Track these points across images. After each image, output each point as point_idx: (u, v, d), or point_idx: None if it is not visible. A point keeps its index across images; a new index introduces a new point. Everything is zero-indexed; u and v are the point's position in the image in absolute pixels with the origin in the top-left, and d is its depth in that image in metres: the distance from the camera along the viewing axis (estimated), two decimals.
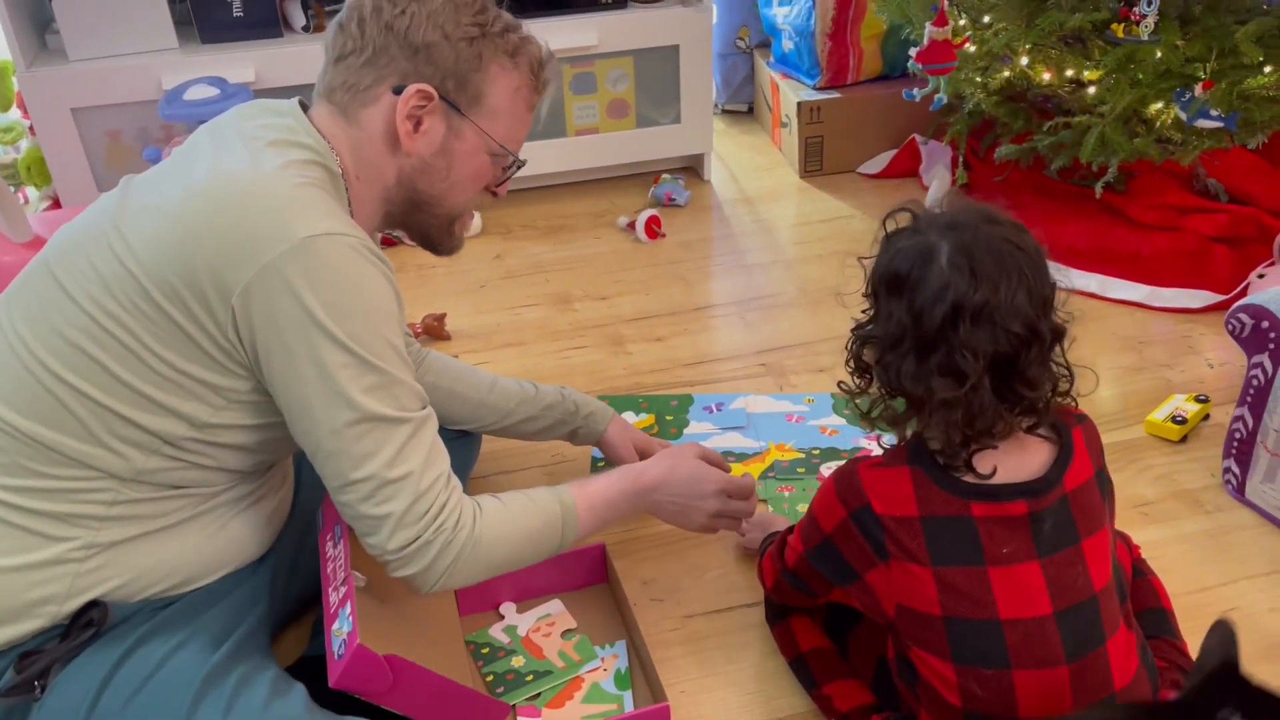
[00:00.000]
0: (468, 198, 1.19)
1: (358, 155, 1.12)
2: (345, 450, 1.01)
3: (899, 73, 2.54)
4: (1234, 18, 1.83)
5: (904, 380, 0.96)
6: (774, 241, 2.32)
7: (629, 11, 2.33)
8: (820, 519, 1.07)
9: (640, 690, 1.26)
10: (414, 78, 1.09)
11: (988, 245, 0.94)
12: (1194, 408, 1.66)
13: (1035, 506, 0.98)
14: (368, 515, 1.03)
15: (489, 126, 1.14)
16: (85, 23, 2.11)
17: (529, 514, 1.14)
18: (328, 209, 1.02)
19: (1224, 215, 2.10)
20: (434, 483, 1.05)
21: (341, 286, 0.99)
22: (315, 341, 0.98)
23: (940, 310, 0.93)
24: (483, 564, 1.09)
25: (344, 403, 1.00)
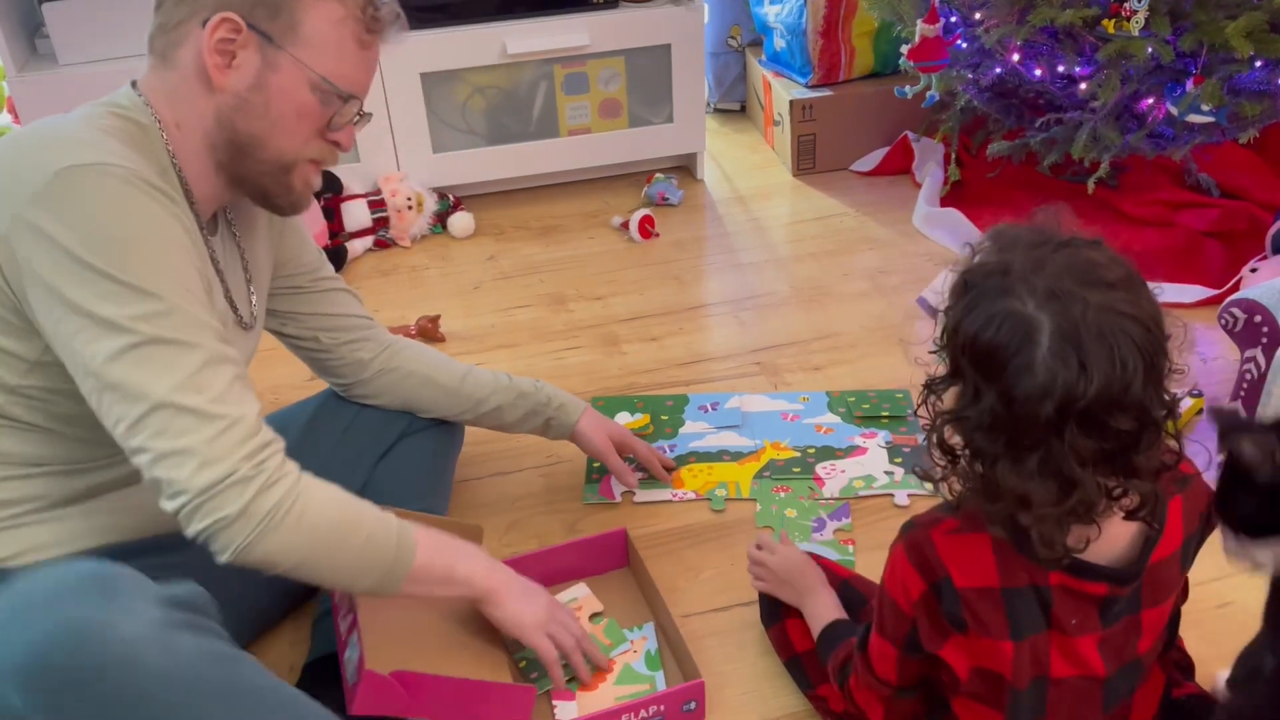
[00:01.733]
0: (298, 142, 1.09)
1: (174, 101, 1.06)
2: (124, 381, 0.92)
3: (891, 70, 2.54)
4: (1224, 13, 1.83)
5: (997, 475, 0.84)
6: (767, 240, 2.32)
7: (620, 11, 2.33)
8: (900, 601, 0.94)
9: (671, 669, 1.27)
10: (223, 8, 1.02)
11: (1097, 325, 0.79)
12: (1188, 402, 1.66)
13: (1116, 591, 0.91)
14: (166, 452, 0.92)
15: (309, 58, 1.05)
16: (75, 27, 2.10)
17: (365, 503, 1.05)
18: (95, 143, 0.97)
19: (1216, 210, 2.11)
20: (242, 419, 0.95)
21: (99, 217, 0.93)
22: (75, 275, 0.91)
23: (1044, 410, 0.79)
24: (305, 530, 0.97)
25: (113, 329, 0.92)
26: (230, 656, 0.90)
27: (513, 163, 2.42)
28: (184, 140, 1.07)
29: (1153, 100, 1.98)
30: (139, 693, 0.83)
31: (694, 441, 1.66)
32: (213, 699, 0.86)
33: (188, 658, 0.86)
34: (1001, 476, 0.83)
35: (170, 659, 0.85)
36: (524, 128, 2.40)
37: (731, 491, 1.56)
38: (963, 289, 0.86)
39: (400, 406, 1.42)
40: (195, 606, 0.91)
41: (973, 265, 0.86)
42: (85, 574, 0.88)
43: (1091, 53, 1.93)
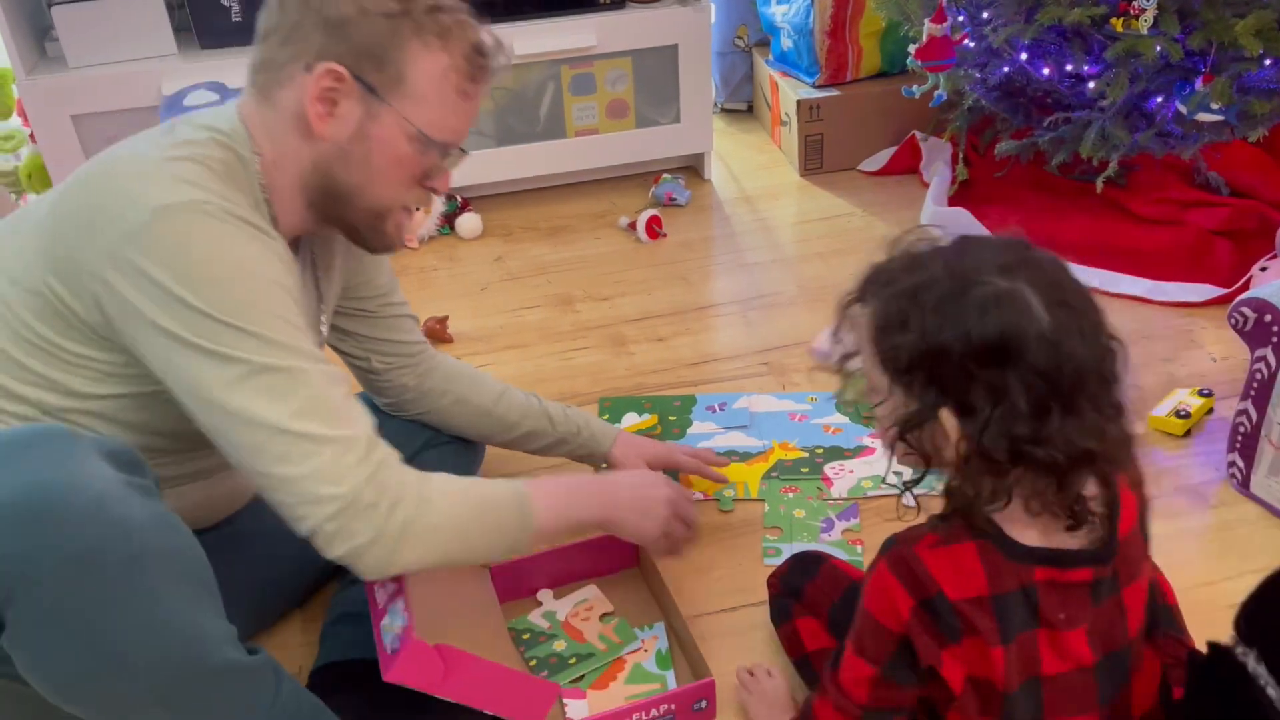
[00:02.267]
0: (395, 191, 1.10)
1: (273, 139, 1.06)
2: (241, 410, 0.94)
3: (898, 70, 2.54)
4: (1233, 11, 1.83)
5: (1069, 439, 0.84)
6: (775, 240, 2.32)
7: (627, 12, 2.33)
8: (885, 622, 0.93)
9: (681, 669, 1.28)
10: (328, 55, 1.01)
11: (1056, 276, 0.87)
12: (1197, 402, 1.65)
13: (1100, 573, 0.93)
14: (287, 477, 0.94)
15: (411, 111, 1.05)
16: (84, 30, 2.11)
17: (479, 483, 1.08)
18: (192, 180, 0.97)
19: (1226, 209, 2.10)
20: (357, 438, 0.97)
21: (196, 256, 0.94)
22: (181, 316, 0.93)
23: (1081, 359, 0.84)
24: (435, 534, 1.00)
25: (225, 361, 0.94)
26: (169, 520, 0.91)
27: (520, 163, 2.42)
28: (278, 176, 1.07)
29: (1162, 99, 1.97)
30: (97, 545, 0.84)
31: (702, 442, 1.66)
32: (155, 556, 0.87)
33: (138, 517, 0.87)
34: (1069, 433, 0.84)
35: (127, 516, 0.86)
36: (531, 128, 2.40)
37: (740, 492, 1.56)
38: (907, 309, 0.86)
39: (437, 425, 1.43)
40: (135, 466, 0.93)
41: (905, 287, 0.87)
42: (40, 430, 0.90)
43: (1100, 51, 1.93)
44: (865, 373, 0.93)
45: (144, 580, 0.86)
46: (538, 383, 1.82)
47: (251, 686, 0.94)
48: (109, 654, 0.85)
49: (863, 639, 0.95)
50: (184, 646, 0.88)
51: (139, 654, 0.86)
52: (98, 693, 0.87)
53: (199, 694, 0.90)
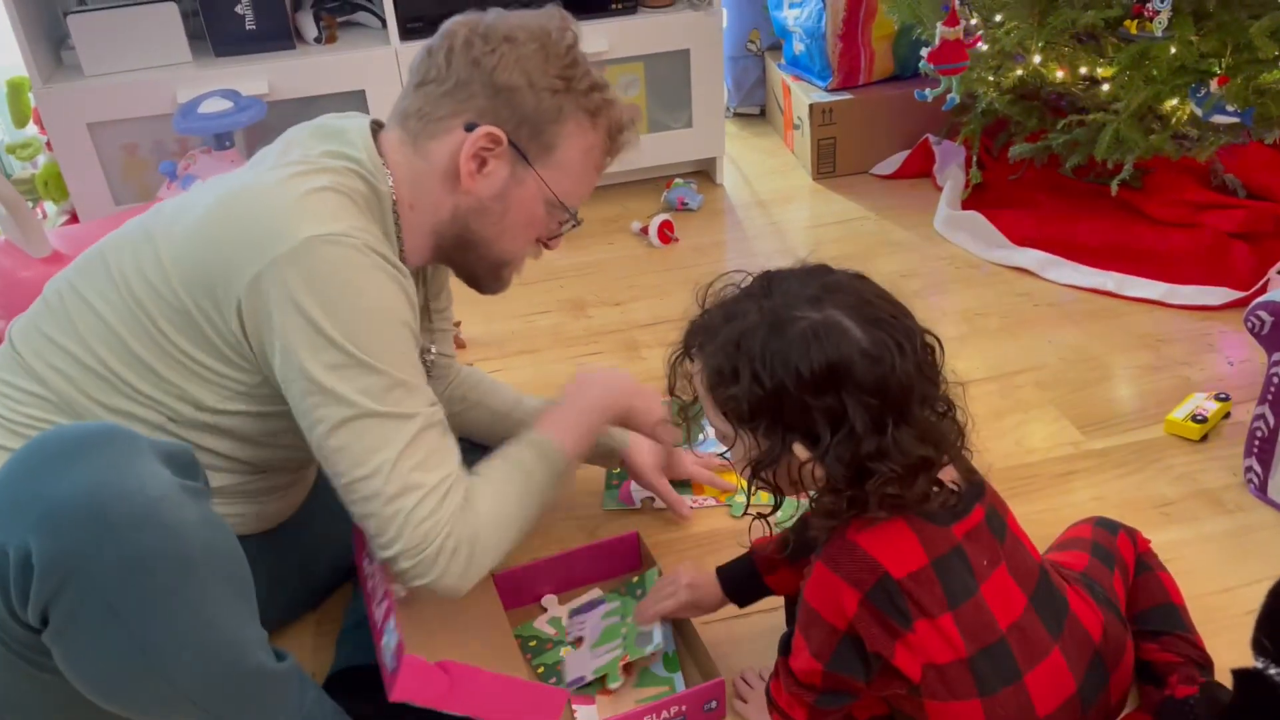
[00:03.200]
0: (520, 247, 1.18)
1: (416, 185, 1.12)
2: (347, 447, 1.01)
3: (911, 73, 2.53)
4: (1248, 12, 1.82)
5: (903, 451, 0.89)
6: (787, 244, 2.31)
7: (639, 16, 2.33)
8: (830, 619, 0.95)
9: (690, 670, 1.27)
10: (489, 118, 1.08)
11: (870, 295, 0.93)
12: (1214, 406, 1.64)
13: (984, 504, 0.99)
14: (375, 515, 1.02)
15: (552, 179, 1.13)
16: (100, 38, 2.13)
17: (514, 470, 1.14)
18: (337, 212, 1.02)
19: (1242, 211, 2.09)
20: (442, 482, 1.04)
21: (339, 288, 0.99)
22: (313, 343, 0.99)
23: (897, 379, 0.89)
24: (497, 545, 1.10)
25: (340, 401, 1.00)
26: (218, 524, 0.93)
27: None
28: (413, 219, 1.13)
29: (1177, 101, 1.96)
30: (151, 549, 0.86)
31: (713, 447, 1.65)
32: (203, 561, 0.89)
33: (191, 521, 0.89)
34: (902, 447, 0.89)
35: (180, 520, 0.88)
36: None
37: None
38: (735, 359, 0.91)
39: (457, 433, 1.43)
40: (191, 469, 0.96)
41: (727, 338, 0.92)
42: (100, 429, 0.92)
43: (1114, 54, 1.92)
44: (710, 420, 0.98)
45: (192, 585, 0.88)
46: (549, 388, 1.81)
47: (281, 691, 0.97)
48: (151, 655, 0.87)
49: (809, 632, 0.97)
50: (223, 650, 0.90)
51: (180, 656, 0.88)
52: (135, 691, 0.89)
53: (232, 696, 0.92)
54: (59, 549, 0.83)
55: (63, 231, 1.94)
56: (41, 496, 0.85)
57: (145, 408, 1.06)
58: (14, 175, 2.44)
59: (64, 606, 0.84)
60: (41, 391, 1.07)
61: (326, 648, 1.33)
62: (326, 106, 1.32)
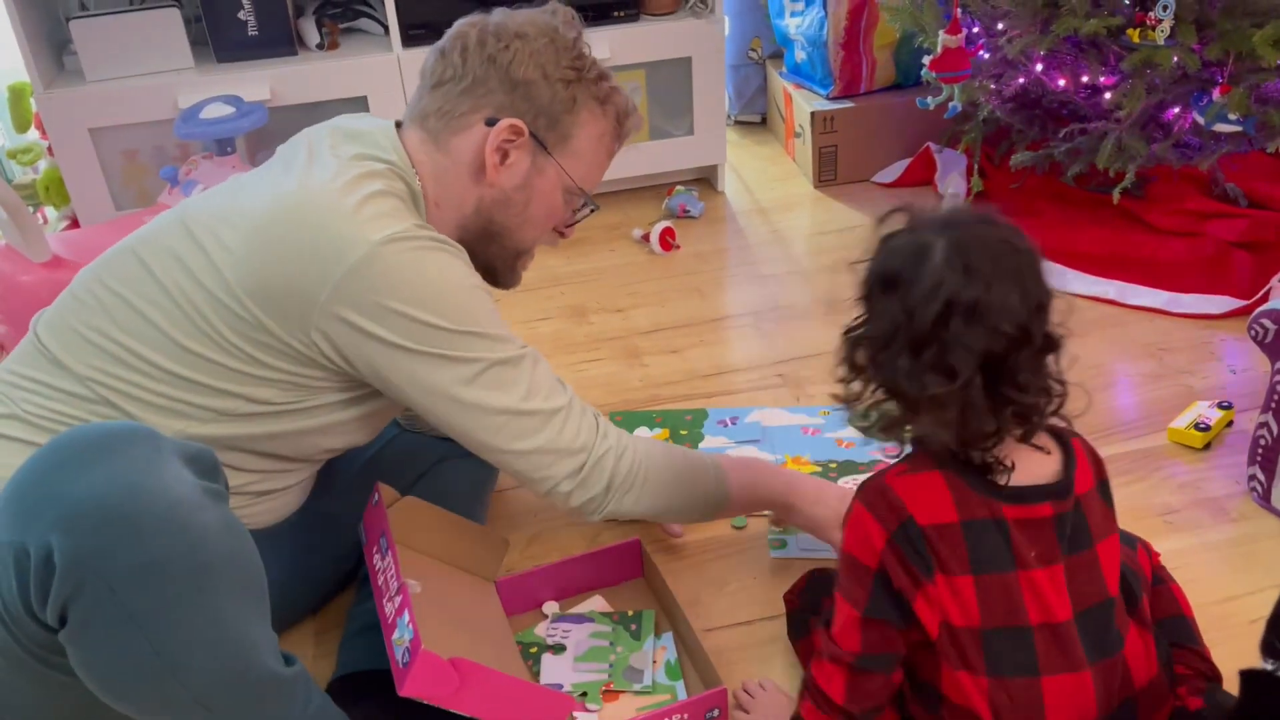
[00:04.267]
0: (538, 234, 1.23)
1: (440, 182, 1.16)
2: (480, 401, 1.09)
3: (912, 81, 2.54)
4: (1251, 21, 1.82)
5: (898, 378, 0.93)
6: (789, 252, 2.31)
7: (641, 24, 2.34)
8: (861, 558, 0.97)
9: (691, 679, 1.27)
10: (509, 111, 1.13)
11: (983, 244, 0.93)
12: (1217, 415, 1.64)
13: (1060, 508, 0.98)
14: (528, 450, 1.11)
15: (570, 167, 1.18)
16: (102, 43, 2.13)
17: (679, 448, 1.24)
18: (394, 213, 1.08)
19: (1244, 220, 2.09)
20: (571, 404, 1.14)
21: (422, 280, 1.05)
22: (414, 334, 1.05)
23: (934, 307, 0.90)
24: (651, 488, 1.18)
25: (463, 363, 1.08)
26: (237, 528, 0.94)
27: None
28: (438, 216, 1.17)
29: (1179, 110, 1.96)
30: (171, 553, 0.86)
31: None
32: (221, 566, 0.89)
33: (211, 526, 0.89)
34: (900, 376, 0.93)
35: (201, 525, 0.88)
36: None
37: None
38: (878, 243, 0.98)
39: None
40: (213, 470, 0.96)
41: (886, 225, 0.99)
42: (123, 429, 0.92)
43: (1116, 62, 1.92)
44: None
45: (208, 589, 0.88)
46: None
47: (288, 697, 0.97)
48: (166, 658, 0.87)
49: (845, 583, 1.00)
50: (237, 656, 0.91)
51: (194, 660, 0.88)
52: (147, 693, 0.89)
53: (243, 701, 0.92)
54: (80, 548, 0.83)
55: (63, 236, 1.94)
56: (63, 496, 0.85)
57: (195, 406, 1.09)
58: (15, 180, 2.45)
59: (82, 606, 0.84)
60: (74, 388, 1.07)
61: (328, 654, 1.33)
62: (328, 112, 1.32)
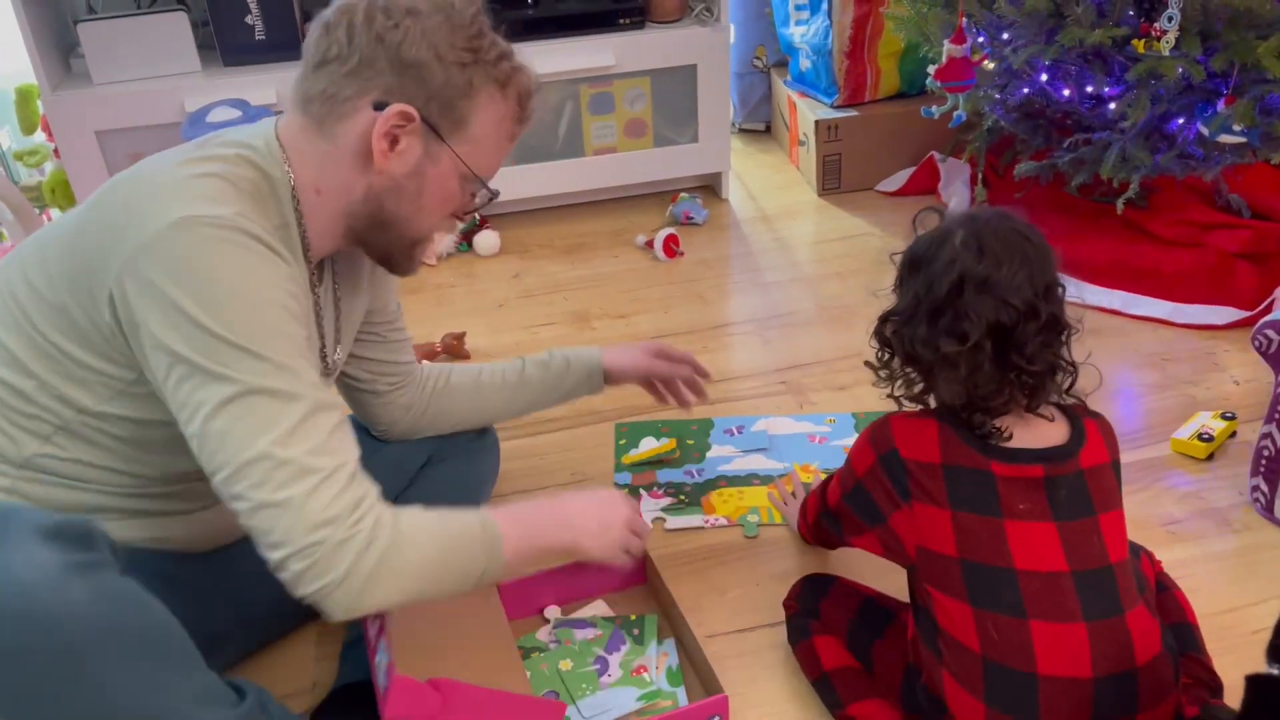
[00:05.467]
0: (434, 221, 1.14)
1: (322, 168, 1.07)
2: (228, 431, 0.93)
3: (917, 90, 2.54)
4: (1255, 33, 1.82)
5: (916, 345, 1.07)
6: (792, 259, 2.32)
7: (646, 32, 2.34)
8: (855, 464, 1.16)
9: (693, 685, 1.27)
10: (398, 95, 1.03)
11: (997, 231, 1.06)
12: (1220, 425, 1.64)
13: (1051, 471, 1.05)
14: (265, 503, 0.92)
15: (467, 154, 1.08)
16: (109, 47, 2.14)
17: (453, 520, 1.05)
18: (216, 196, 0.98)
19: (1247, 231, 2.09)
20: (338, 470, 0.95)
21: (206, 273, 0.94)
22: (183, 330, 0.93)
23: (948, 280, 1.04)
24: (407, 573, 0.98)
25: (218, 380, 0.93)
26: (119, 595, 0.88)
27: (538, 181, 2.43)
28: (319, 203, 1.08)
29: (1183, 120, 1.96)
30: (24, 643, 0.81)
31: (722, 465, 1.65)
32: (97, 642, 0.84)
33: (75, 603, 0.84)
34: (918, 342, 1.07)
35: (58, 606, 0.83)
36: (549, 147, 2.41)
37: (764, 517, 1.54)
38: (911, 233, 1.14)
39: (438, 427, 1.44)
40: (83, 539, 0.90)
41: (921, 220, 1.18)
42: None
43: (1120, 73, 1.92)
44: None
45: (83, 670, 0.83)
46: None
47: None
48: None
49: (842, 472, 1.21)
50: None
51: None
52: None
53: None
54: None
55: None
56: None
57: (30, 418, 1.03)
58: (21, 182, 2.45)
59: None
60: None
61: (330, 656, 1.33)
62: None
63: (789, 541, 1.50)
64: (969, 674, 1.03)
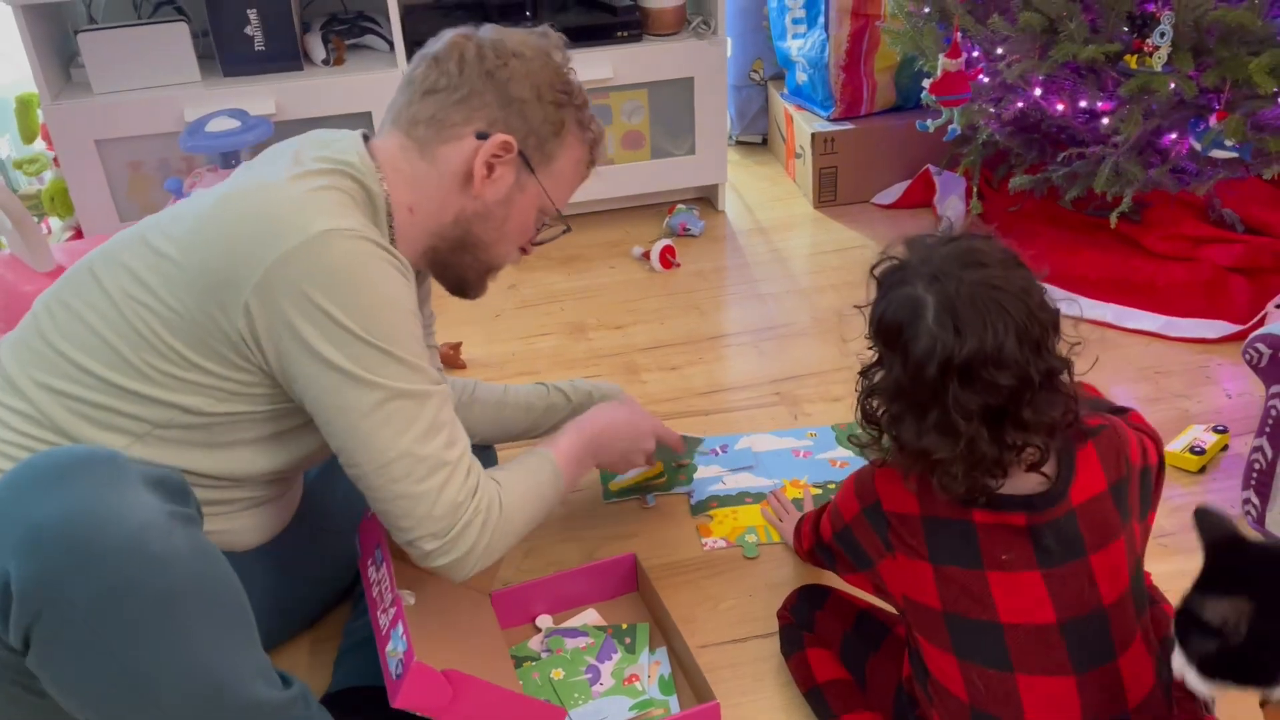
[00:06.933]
0: (510, 250, 1.23)
1: (419, 189, 1.15)
2: (376, 431, 1.03)
3: (913, 104, 2.55)
4: (1247, 49, 1.83)
5: (905, 435, 0.99)
6: (788, 271, 2.33)
7: (644, 44, 2.35)
8: (842, 510, 1.14)
9: (685, 694, 1.27)
10: (501, 126, 1.13)
11: (970, 296, 0.95)
12: (1212, 438, 1.64)
13: (1035, 519, 1.00)
14: (406, 495, 1.05)
15: (550, 188, 1.19)
16: (109, 56, 2.15)
17: (535, 479, 1.20)
18: (343, 208, 1.05)
19: (1240, 245, 2.10)
20: (463, 456, 1.08)
21: (353, 282, 1.01)
22: (332, 334, 1.00)
23: (930, 371, 0.94)
24: (511, 535, 1.14)
25: (369, 386, 1.02)
26: (210, 552, 0.92)
27: None
28: (409, 222, 1.16)
29: (1175, 135, 1.98)
30: (132, 579, 0.84)
31: (712, 486, 1.64)
32: (191, 592, 0.88)
33: (180, 551, 0.88)
34: (904, 433, 0.99)
35: (167, 550, 0.87)
36: None
37: (762, 536, 1.54)
38: (876, 287, 1.02)
39: None
40: (182, 494, 0.94)
41: (882, 268, 1.03)
42: (85, 454, 0.91)
43: (1114, 88, 1.94)
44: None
45: (175, 616, 0.86)
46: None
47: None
48: (134, 686, 0.86)
49: (832, 513, 1.17)
50: (210, 684, 0.89)
51: (164, 689, 0.86)
52: (119, 717, 0.87)
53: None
54: (35, 575, 0.82)
55: (67, 247, 1.95)
56: (21, 521, 0.84)
57: (129, 418, 1.05)
58: (21, 190, 2.46)
59: (44, 633, 0.83)
60: (26, 408, 1.05)
61: (323, 665, 1.33)
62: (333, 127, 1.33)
63: (784, 553, 1.51)
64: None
